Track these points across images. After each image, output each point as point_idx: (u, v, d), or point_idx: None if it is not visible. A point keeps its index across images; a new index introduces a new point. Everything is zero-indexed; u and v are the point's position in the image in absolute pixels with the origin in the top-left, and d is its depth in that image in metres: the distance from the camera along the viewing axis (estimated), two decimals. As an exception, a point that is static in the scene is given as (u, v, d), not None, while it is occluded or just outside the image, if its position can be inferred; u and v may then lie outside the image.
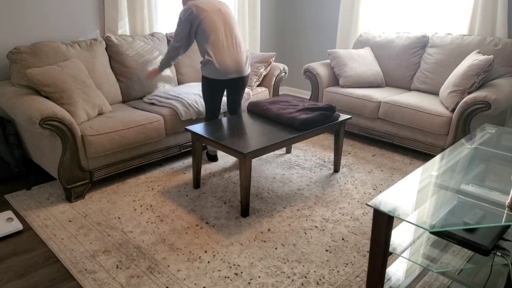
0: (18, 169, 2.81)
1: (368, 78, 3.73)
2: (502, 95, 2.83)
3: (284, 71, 3.80)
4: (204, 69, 2.78)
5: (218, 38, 2.74)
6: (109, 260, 1.98)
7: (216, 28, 2.74)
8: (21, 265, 1.96)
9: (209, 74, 2.76)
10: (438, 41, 3.55)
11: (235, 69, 2.79)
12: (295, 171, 3.00)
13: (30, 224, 2.29)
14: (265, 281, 1.85)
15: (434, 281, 1.85)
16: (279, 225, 2.30)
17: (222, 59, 2.73)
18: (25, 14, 2.94)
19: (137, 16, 3.48)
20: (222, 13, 2.81)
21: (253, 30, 4.60)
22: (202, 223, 2.31)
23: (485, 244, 1.35)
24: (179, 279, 1.86)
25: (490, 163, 1.99)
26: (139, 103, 3.17)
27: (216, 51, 2.72)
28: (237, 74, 2.82)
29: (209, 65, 2.73)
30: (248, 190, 2.32)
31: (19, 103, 2.41)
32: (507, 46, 3.18)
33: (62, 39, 3.16)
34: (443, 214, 1.47)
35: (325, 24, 4.73)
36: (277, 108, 2.75)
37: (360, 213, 2.44)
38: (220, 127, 2.60)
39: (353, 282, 1.85)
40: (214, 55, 2.71)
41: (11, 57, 2.67)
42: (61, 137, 2.36)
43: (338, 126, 2.82)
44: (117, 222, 2.31)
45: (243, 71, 2.86)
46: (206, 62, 2.73)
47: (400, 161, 3.23)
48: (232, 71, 2.78)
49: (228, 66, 2.75)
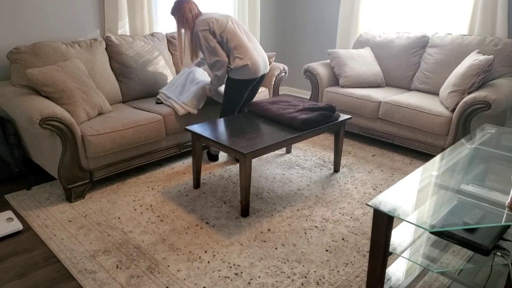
0: (18, 169, 2.81)
1: (368, 78, 3.73)
2: (502, 95, 2.83)
3: (284, 71, 3.80)
4: (234, 73, 2.79)
5: (242, 39, 2.80)
6: (109, 260, 1.98)
7: (235, 31, 2.80)
8: (21, 265, 1.96)
9: (242, 75, 2.79)
10: (438, 41, 3.55)
11: (264, 66, 2.90)
12: (295, 171, 3.00)
13: (30, 224, 2.29)
14: (265, 281, 1.85)
15: (434, 281, 1.85)
16: (279, 225, 2.30)
17: (253, 58, 2.79)
18: (25, 14, 2.94)
19: (137, 16, 3.48)
20: (231, 18, 2.88)
21: (253, 30, 4.60)
22: (202, 223, 2.31)
23: (485, 244, 1.35)
24: (179, 279, 1.86)
25: (490, 163, 1.99)
26: (139, 102, 3.17)
27: (245, 52, 2.77)
28: (266, 70, 2.95)
29: (241, 68, 2.76)
30: (248, 190, 2.32)
31: (19, 103, 2.41)
32: (507, 46, 3.18)
33: (62, 39, 3.16)
34: (443, 214, 1.47)
35: (325, 24, 4.73)
36: (277, 108, 2.75)
37: (360, 213, 2.44)
38: (220, 127, 2.60)
39: (353, 282, 1.85)
40: (245, 56, 2.76)
41: (11, 57, 2.67)
42: (61, 137, 2.36)
43: (338, 126, 2.82)
44: (117, 222, 2.31)
45: (268, 66, 2.99)
46: (238, 67, 2.76)
47: (400, 161, 3.23)
48: (262, 68, 2.88)
49: (259, 63, 2.83)
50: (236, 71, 2.78)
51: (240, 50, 2.76)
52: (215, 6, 4.32)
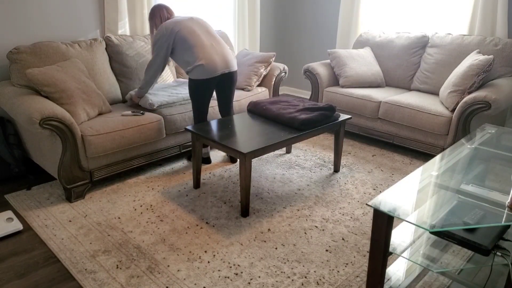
0: (18, 169, 2.81)
1: (368, 78, 3.73)
2: (502, 95, 2.83)
3: (284, 71, 3.80)
4: (191, 73, 2.75)
5: (199, 39, 2.75)
6: (109, 260, 1.98)
7: (194, 30, 2.76)
8: (21, 265, 1.96)
9: (198, 75, 2.72)
10: (438, 41, 3.55)
11: (224, 64, 2.79)
12: (295, 171, 3.00)
13: (30, 224, 2.29)
14: (265, 281, 1.85)
15: (434, 281, 1.85)
16: (279, 225, 2.30)
17: (209, 56, 2.71)
18: (26, 14, 2.94)
19: (137, 16, 3.48)
20: (194, 19, 2.84)
21: (253, 30, 4.60)
22: (202, 223, 2.31)
23: (485, 244, 1.35)
24: (179, 279, 1.86)
25: (490, 163, 1.98)
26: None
27: (201, 50, 2.71)
28: (227, 69, 2.81)
29: (196, 68, 2.70)
30: (248, 190, 2.32)
31: (19, 103, 2.41)
32: (507, 46, 3.18)
33: (62, 39, 3.16)
34: (443, 214, 1.47)
35: (325, 24, 4.73)
36: (277, 108, 2.75)
37: (360, 213, 2.44)
38: (220, 127, 2.60)
39: (353, 282, 1.85)
40: (199, 55, 2.70)
41: (11, 57, 2.67)
42: (61, 137, 2.36)
43: (338, 126, 2.82)
44: (117, 222, 2.31)
45: (232, 65, 2.86)
46: (193, 67, 2.71)
47: (400, 161, 3.23)
48: (222, 66, 2.77)
49: (216, 62, 2.74)
50: (192, 71, 2.72)
51: (194, 50, 2.70)
52: (215, 6, 4.32)
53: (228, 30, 4.48)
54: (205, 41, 2.76)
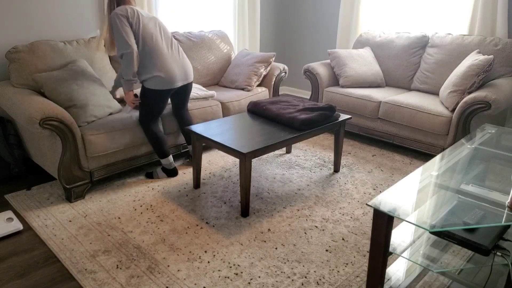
0: (18, 169, 2.81)
1: (368, 78, 3.73)
2: (502, 95, 2.83)
3: (284, 71, 3.80)
4: (147, 82, 2.55)
5: (159, 45, 2.54)
6: (109, 260, 1.98)
7: (155, 34, 2.54)
8: (21, 265, 1.96)
9: (154, 86, 2.55)
10: (438, 41, 3.55)
11: (183, 76, 2.65)
12: (295, 171, 3.00)
13: (30, 224, 2.28)
14: (265, 281, 1.85)
15: (434, 281, 1.85)
16: (279, 225, 2.30)
17: (168, 67, 2.54)
18: (25, 14, 2.94)
19: (137, 16, 3.47)
20: (157, 20, 2.63)
21: (253, 30, 4.60)
22: (202, 223, 2.31)
23: (485, 244, 1.35)
24: (179, 279, 1.86)
25: (490, 163, 1.99)
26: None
27: (160, 60, 2.52)
28: (186, 81, 2.69)
29: (153, 78, 2.52)
30: (248, 190, 2.32)
31: (19, 103, 2.41)
32: (507, 46, 3.18)
33: (62, 38, 3.16)
34: (443, 214, 1.47)
35: (325, 24, 4.73)
36: (277, 108, 2.75)
37: (360, 213, 2.44)
38: (220, 127, 2.60)
39: (353, 282, 1.85)
40: (158, 65, 2.51)
41: (10, 56, 2.66)
42: (61, 137, 2.36)
43: (338, 126, 2.82)
44: (117, 222, 2.31)
45: (190, 76, 2.73)
46: (150, 77, 2.52)
47: (400, 161, 3.23)
48: (181, 78, 2.64)
49: (176, 73, 2.58)
50: (149, 81, 2.54)
51: (153, 56, 2.50)
52: (215, 6, 4.32)
53: (228, 30, 4.48)
54: (164, 49, 2.56)
